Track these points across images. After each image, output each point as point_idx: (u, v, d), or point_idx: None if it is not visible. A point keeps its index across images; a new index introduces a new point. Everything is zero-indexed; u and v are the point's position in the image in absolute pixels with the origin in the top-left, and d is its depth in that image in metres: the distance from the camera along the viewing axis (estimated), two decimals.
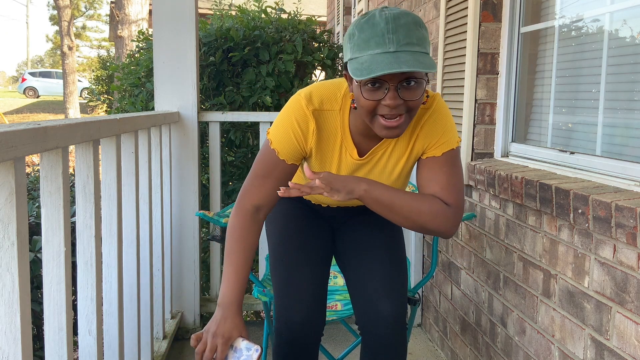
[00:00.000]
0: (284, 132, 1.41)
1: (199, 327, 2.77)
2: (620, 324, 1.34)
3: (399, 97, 1.21)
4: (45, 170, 1.25)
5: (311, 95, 1.41)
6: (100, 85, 10.57)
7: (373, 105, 1.24)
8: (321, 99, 1.40)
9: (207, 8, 5.87)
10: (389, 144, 1.44)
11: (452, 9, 2.37)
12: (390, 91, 1.21)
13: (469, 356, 2.27)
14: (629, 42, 1.56)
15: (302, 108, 1.39)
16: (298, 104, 1.40)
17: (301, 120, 1.39)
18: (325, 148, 1.44)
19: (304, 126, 1.40)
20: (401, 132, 1.27)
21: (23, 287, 1.05)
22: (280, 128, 1.42)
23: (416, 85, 1.22)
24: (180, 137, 2.68)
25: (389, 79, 1.20)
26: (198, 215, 1.89)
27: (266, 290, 1.85)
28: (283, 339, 1.54)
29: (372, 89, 1.22)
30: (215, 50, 3.31)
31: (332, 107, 1.41)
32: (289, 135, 1.40)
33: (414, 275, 2.83)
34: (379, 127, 1.27)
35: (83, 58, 37.51)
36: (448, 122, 1.42)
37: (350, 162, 1.46)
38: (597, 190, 1.44)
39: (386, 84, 1.21)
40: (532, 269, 1.76)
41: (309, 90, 1.42)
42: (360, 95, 1.24)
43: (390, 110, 1.23)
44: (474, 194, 2.21)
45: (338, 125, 1.42)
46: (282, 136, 1.41)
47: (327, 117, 1.41)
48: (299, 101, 1.40)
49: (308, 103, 1.39)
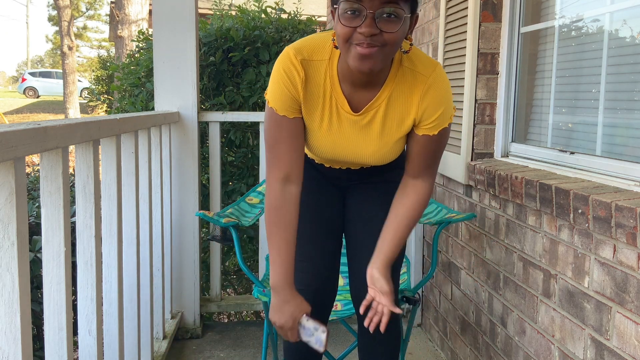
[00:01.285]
0: (277, 87, 1.41)
1: (199, 327, 2.78)
2: (620, 324, 1.34)
3: (375, 26, 1.21)
4: (45, 170, 1.25)
5: (300, 46, 1.41)
6: (100, 85, 10.57)
7: (349, 32, 1.23)
8: (311, 49, 1.40)
9: (207, 8, 5.87)
10: (383, 99, 1.42)
11: (452, 9, 2.37)
12: (368, 18, 1.21)
13: (469, 356, 2.27)
14: (629, 42, 1.56)
15: (289, 58, 1.39)
16: (286, 56, 1.40)
17: (288, 70, 1.39)
18: (314, 100, 1.43)
19: (291, 76, 1.39)
20: (374, 65, 1.26)
21: (23, 287, 1.05)
22: (272, 84, 1.42)
23: (396, 18, 1.22)
24: (180, 137, 2.68)
25: (369, 6, 1.20)
26: (198, 215, 1.89)
27: (266, 290, 1.85)
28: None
29: (350, 16, 1.22)
30: (215, 50, 3.31)
31: (321, 57, 1.40)
32: (281, 87, 1.40)
33: (414, 275, 2.83)
34: (352, 57, 1.26)
35: (83, 58, 37.53)
36: (448, 97, 1.42)
37: (345, 117, 1.44)
38: (597, 190, 1.44)
39: (365, 10, 1.20)
40: (532, 269, 1.76)
41: (299, 42, 1.43)
42: (338, 22, 1.25)
43: (365, 39, 1.22)
44: (474, 194, 2.21)
45: (327, 76, 1.41)
46: (275, 91, 1.41)
47: (316, 67, 1.41)
48: (288, 53, 1.40)
49: (297, 53, 1.39)
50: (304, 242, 1.62)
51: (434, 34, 2.71)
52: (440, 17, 2.50)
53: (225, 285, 3.99)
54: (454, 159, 2.29)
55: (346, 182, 1.71)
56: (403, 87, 1.41)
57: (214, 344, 2.72)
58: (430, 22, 2.77)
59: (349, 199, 1.72)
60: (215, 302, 2.91)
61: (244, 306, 2.97)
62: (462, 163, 2.21)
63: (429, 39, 2.78)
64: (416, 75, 1.39)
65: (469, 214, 1.92)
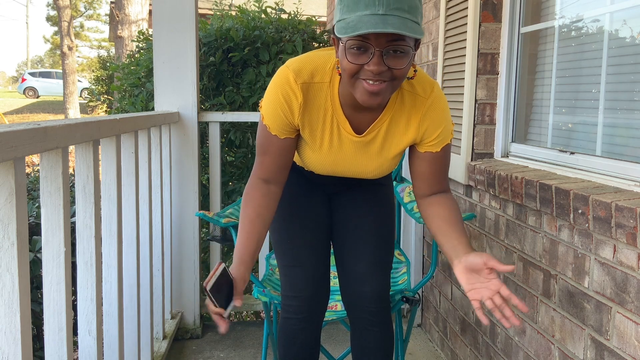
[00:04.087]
0: (273, 109, 1.41)
1: (199, 327, 2.78)
2: (620, 324, 1.34)
3: (383, 64, 1.20)
4: (45, 170, 1.25)
5: (301, 67, 1.39)
6: (100, 86, 10.57)
7: (356, 69, 1.23)
8: (311, 70, 1.39)
9: (207, 8, 5.87)
10: (384, 122, 1.43)
11: (452, 9, 2.37)
12: (375, 56, 1.20)
13: (469, 356, 2.27)
14: (629, 42, 1.56)
15: (288, 82, 1.38)
16: (285, 78, 1.38)
17: (287, 96, 1.38)
18: (315, 122, 1.43)
19: (289, 101, 1.38)
20: (382, 100, 1.27)
21: (23, 287, 1.05)
22: (268, 104, 1.42)
23: (402, 54, 1.22)
24: (180, 137, 2.68)
25: (375, 43, 1.19)
26: (198, 216, 1.89)
27: (266, 290, 1.85)
28: (291, 313, 1.64)
29: (357, 52, 1.21)
30: (215, 51, 3.31)
31: (322, 79, 1.39)
32: (277, 111, 1.40)
33: (414, 275, 2.83)
34: (360, 92, 1.26)
35: (83, 58, 37.51)
36: (447, 116, 1.44)
37: (347, 137, 1.45)
38: (597, 191, 1.44)
39: (372, 48, 1.19)
40: (532, 269, 1.76)
41: (298, 61, 1.41)
42: (344, 58, 1.23)
43: (373, 76, 1.22)
44: (474, 194, 2.21)
45: (328, 98, 1.41)
46: (270, 112, 1.41)
47: (317, 89, 1.40)
48: (287, 75, 1.38)
49: (297, 77, 1.37)
50: (293, 246, 1.64)
51: (434, 34, 2.70)
52: (440, 17, 2.50)
53: None
54: (454, 159, 2.29)
55: (334, 188, 1.73)
56: (403, 109, 1.43)
57: (214, 344, 2.72)
58: (430, 22, 2.77)
59: (336, 200, 1.73)
60: None
61: (244, 306, 2.97)
62: (462, 163, 2.21)
63: (429, 39, 2.78)
64: (415, 97, 1.41)
65: (469, 214, 1.92)
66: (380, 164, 1.50)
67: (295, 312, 1.64)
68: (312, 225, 1.67)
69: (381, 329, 1.65)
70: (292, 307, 1.64)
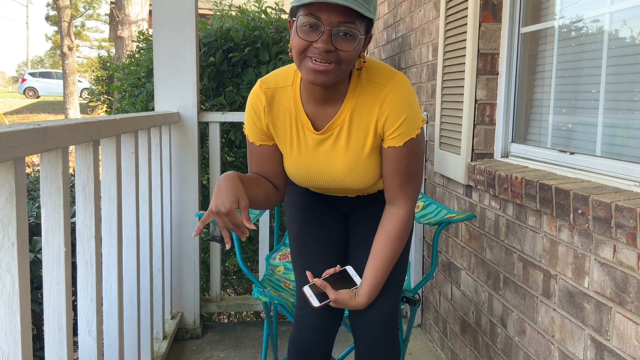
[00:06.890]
0: (246, 117, 1.53)
1: (199, 327, 2.78)
2: (620, 325, 1.34)
3: (331, 43, 1.26)
4: (45, 170, 1.25)
5: (268, 77, 1.51)
6: (100, 86, 10.58)
7: (305, 46, 1.28)
8: (276, 77, 1.49)
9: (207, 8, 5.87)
10: (345, 114, 1.43)
11: (452, 9, 2.37)
12: (325, 34, 1.26)
13: (469, 356, 2.27)
14: (629, 42, 1.56)
15: (255, 90, 1.49)
16: (254, 89, 1.51)
17: (254, 102, 1.49)
18: (282, 126, 1.50)
19: (256, 107, 1.49)
20: (327, 80, 1.30)
21: (23, 287, 1.05)
22: (245, 113, 1.54)
23: (351, 37, 1.28)
24: (180, 138, 2.68)
25: (326, 23, 1.25)
26: (198, 216, 1.89)
27: (266, 290, 1.85)
28: (304, 325, 1.60)
29: (308, 30, 1.27)
30: (215, 51, 3.31)
31: (285, 83, 1.48)
32: (248, 119, 1.52)
33: (414, 276, 2.83)
34: (306, 70, 1.31)
35: (83, 58, 37.52)
36: (408, 104, 1.40)
37: (311, 137, 1.48)
38: (597, 191, 1.44)
39: (322, 26, 1.25)
40: (532, 269, 1.76)
41: (269, 74, 1.53)
42: (295, 35, 1.29)
43: (320, 53, 1.27)
44: (474, 194, 2.21)
45: (291, 99, 1.47)
46: (246, 120, 1.54)
47: (282, 94, 1.48)
48: (255, 86, 1.51)
49: (262, 83, 1.49)
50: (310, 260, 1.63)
51: (434, 34, 2.71)
52: (440, 18, 2.50)
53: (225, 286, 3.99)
54: (454, 159, 2.29)
55: (352, 206, 1.71)
56: (364, 100, 1.42)
57: (214, 344, 2.72)
58: (430, 22, 2.77)
59: (351, 225, 1.72)
60: (215, 302, 2.91)
61: (244, 306, 2.97)
62: (462, 163, 2.21)
63: (429, 39, 2.78)
64: (374, 85, 1.41)
65: (469, 215, 1.92)
66: (351, 166, 1.47)
67: (309, 326, 1.59)
68: (327, 241, 1.66)
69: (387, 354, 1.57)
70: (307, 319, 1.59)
